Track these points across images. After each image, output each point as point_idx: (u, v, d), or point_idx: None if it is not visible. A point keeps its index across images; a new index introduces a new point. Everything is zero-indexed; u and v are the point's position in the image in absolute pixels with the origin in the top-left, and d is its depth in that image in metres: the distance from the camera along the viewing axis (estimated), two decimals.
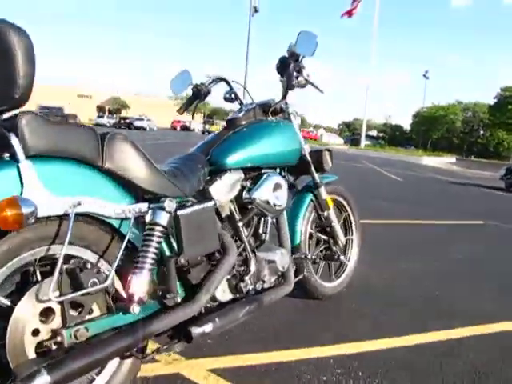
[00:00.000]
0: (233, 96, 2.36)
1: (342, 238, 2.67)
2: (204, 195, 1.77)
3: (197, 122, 63.18)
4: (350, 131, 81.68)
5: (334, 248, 2.66)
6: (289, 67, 2.25)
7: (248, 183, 1.97)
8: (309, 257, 2.35)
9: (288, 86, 2.26)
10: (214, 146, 1.94)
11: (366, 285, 3.07)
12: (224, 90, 2.41)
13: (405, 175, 15.66)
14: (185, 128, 59.79)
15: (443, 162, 35.55)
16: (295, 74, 2.29)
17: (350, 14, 37.34)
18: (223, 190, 1.85)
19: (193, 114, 2.45)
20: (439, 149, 52.91)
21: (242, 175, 1.96)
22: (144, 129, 45.49)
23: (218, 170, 1.87)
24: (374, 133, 77.29)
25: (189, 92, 2.38)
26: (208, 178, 1.83)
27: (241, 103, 2.33)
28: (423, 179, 15.54)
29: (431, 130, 61.92)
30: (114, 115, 58.02)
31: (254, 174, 2.01)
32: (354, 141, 54.06)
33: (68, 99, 58.21)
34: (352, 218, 2.88)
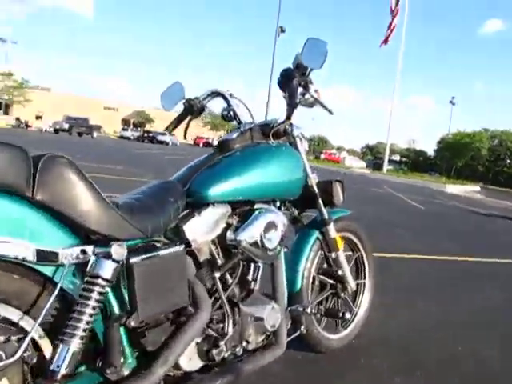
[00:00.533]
0: (231, 113, 2.02)
1: (351, 284, 2.28)
2: (176, 235, 1.43)
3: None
4: (373, 155, 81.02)
5: (341, 295, 2.29)
6: (292, 81, 1.89)
7: (235, 221, 1.61)
8: (308, 310, 1.96)
9: (292, 104, 1.90)
10: (197, 172, 1.61)
11: (380, 335, 2.66)
12: (222, 107, 2.09)
13: (427, 203, 15.10)
14: (207, 144, 60.34)
15: (467, 190, 34.73)
16: (300, 90, 1.95)
17: (386, 41, 37.69)
18: (202, 229, 1.50)
19: (185, 133, 2.12)
20: (463, 176, 51.89)
21: (229, 210, 1.60)
22: (167, 143, 46.00)
23: (198, 203, 1.53)
24: (396, 157, 76.40)
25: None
26: (185, 212, 1.49)
27: (239, 122, 1.98)
28: (446, 207, 14.94)
29: (456, 156, 60.90)
30: (139, 128, 58.69)
31: (244, 208, 1.65)
32: (376, 165, 53.46)
33: (95, 111, 59.32)
34: (365, 260, 2.50)
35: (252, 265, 1.69)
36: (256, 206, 1.68)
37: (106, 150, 21.86)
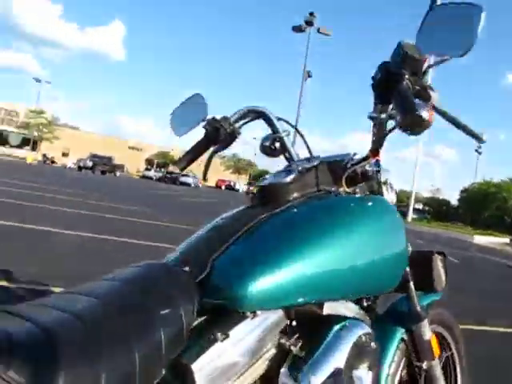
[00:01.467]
0: (277, 145, 1.30)
1: None
2: (178, 379, 0.71)
3: (242, 182, 63.21)
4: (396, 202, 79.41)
5: None
6: (401, 85, 1.00)
7: (295, 345, 0.85)
8: None
9: (403, 123, 1.00)
10: (222, 246, 0.88)
11: None
12: (263, 135, 1.38)
13: (460, 256, 14.14)
14: (229, 187, 60.39)
15: (496, 242, 33.50)
16: (417, 100, 1.03)
17: None
18: (230, 368, 0.75)
19: (205, 172, 1.40)
20: (489, 227, 50.29)
21: (283, 322, 0.86)
22: (189, 185, 45.87)
23: (224, 311, 0.80)
24: (419, 206, 74.81)
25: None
26: (196, 322, 0.77)
27: (290, 159, 1.29)
28: (481, 261, 14.02)
29: (481, 206, 59.42)
30: (162, 169, 58.77)
31: (306, 315, 0.90)
32: (400, 213, 52.08)
33: (120, 150, 60.21)
34: (457, 363, 1.72)
35: None
36: (325, 309, 0.94)
37: (125, 189, 21.47)
